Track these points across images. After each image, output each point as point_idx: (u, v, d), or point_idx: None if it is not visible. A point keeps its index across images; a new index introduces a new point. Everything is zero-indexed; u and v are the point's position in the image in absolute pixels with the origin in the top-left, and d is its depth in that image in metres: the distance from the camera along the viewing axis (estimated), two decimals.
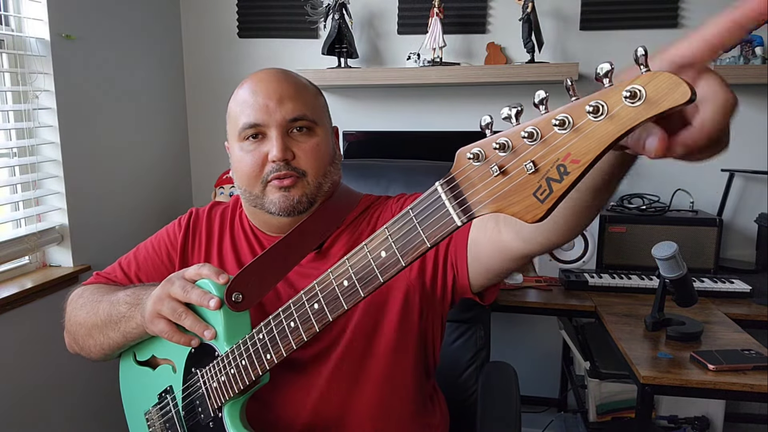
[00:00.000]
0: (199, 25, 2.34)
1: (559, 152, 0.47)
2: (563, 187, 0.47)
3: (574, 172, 0.46)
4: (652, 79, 0.43)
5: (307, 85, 0.93)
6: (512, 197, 0.50)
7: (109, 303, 0.92)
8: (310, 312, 0.71)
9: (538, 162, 0.48)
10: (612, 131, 0.44)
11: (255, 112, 0.87)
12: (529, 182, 0.49)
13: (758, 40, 1.87)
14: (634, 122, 0.43)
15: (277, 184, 0.87)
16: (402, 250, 0.60)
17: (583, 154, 0.46)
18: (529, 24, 1.95)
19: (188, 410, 0.88)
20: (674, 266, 1.39)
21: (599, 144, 0.45)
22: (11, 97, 1.61)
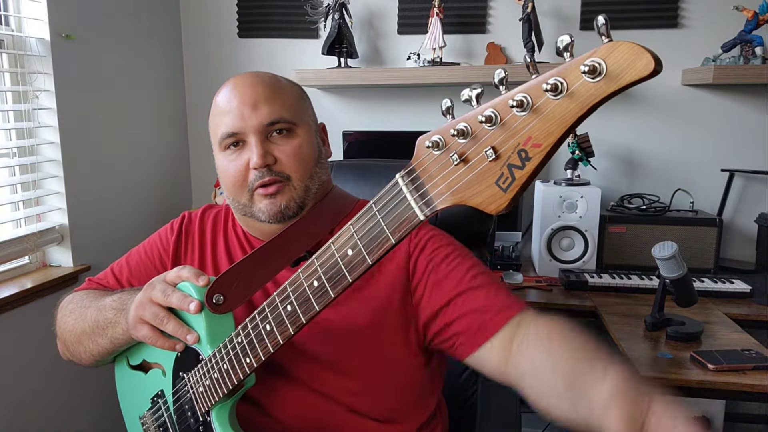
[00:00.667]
0: (199, 25, 2.34)
1: (519, 136, 0.44)
2: (525, 174, 0.44)
3: (536, 156, 0.44)
4: (612, 51, 0.40)
5: (284, 85, 0.90)
6: (474, 187, 0.47)
7: (97, 309, 0.92)
8: (284, 314, 0.69)
9: (498, 148, 0.45)
10: (573, 110, 0.41)
11: (231, 120, 0.85)
12: (490, 170, 0.46)
13: (758, 40, 1.87)
14: (596, 99, 0.41)
15: (262, 192, 0.85)
16: (367, 247, 0.58)
17: (544, 137, 0.43)
18: (529, 24, 1.95)
19: (179, 414, 0.88)
20: (674, 266, 1.39)
21: (560, 125, 0.42)
22: (11, 97, 1.61)
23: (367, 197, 1.01)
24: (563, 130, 0.42)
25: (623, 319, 1.56)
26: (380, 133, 2.23)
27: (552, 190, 1.92)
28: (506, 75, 0.46)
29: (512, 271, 1.97)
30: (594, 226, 1.90)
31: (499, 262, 2.02)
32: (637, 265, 1.90)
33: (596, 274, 1.84)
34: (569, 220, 1.91)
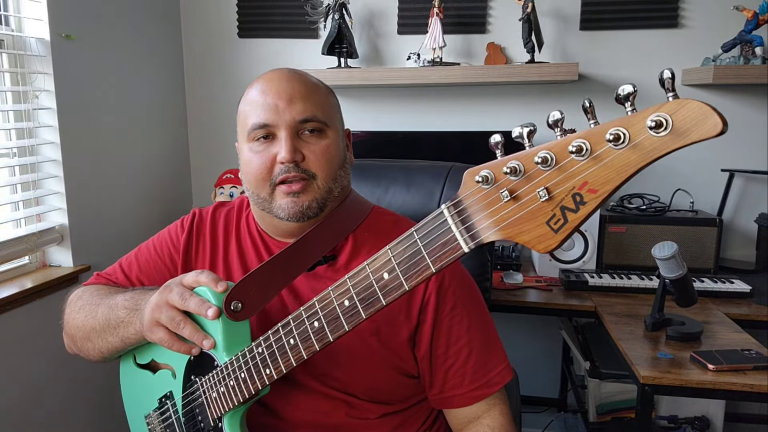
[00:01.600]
0: (199, 25, 2.34)
1: (575, 180, 0.45)
2: (579, 218, 0.45)
3: (591, 202, 0.44)
4: (679, 108, 0.40)
5: (319, 86, 0.90)
6: (523, 225, 0.48)
7: (108, 307, 0.91)
8: (310, 330, 0.69)
9: (552, 189, 0.46)
10: (634, 161, 0.42)
11: (264, 112, 0.84)
12: (542, 210, 0.46)
13: (758, 40, 1.87)
14: (658, 153, 0.41)
15: (285, 189, 0.84)
16: (406, 273, 0.58)
17: (601, 184, 0.43)
18: (529, 24, 1.95)
19: (188, 417, 0.87)
20: (674, 266, 1.39)
21: (619, 174, 0.43)
22: (11, 97, 1.61)
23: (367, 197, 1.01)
24: (622, 179, 0.43)
25: (623, 319, 1.56)
26: (380, 133, 2.23)
27: None
28: (562, 117, 0.47)
29: (512, 271, 1.97)
30: (594, 226, 1.90)
31: (499, 262, 2.02)
32: (637, 265, 1.90)
33: (596, 274, 1.84)
34: None
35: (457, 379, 0.88)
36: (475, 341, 0.88)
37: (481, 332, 0.90)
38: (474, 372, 0.88)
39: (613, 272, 1.86)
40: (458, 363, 0.88)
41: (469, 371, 0.88)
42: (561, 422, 2.13)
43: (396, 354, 0.89)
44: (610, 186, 0.43)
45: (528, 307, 1.76)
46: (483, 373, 0.88)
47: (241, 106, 0.90)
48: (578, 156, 0.44)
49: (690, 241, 1.88)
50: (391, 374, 0.90)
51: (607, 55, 2.10)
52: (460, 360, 0.88)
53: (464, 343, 0.88)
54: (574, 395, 2.10)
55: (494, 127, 2.18)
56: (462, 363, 0.88)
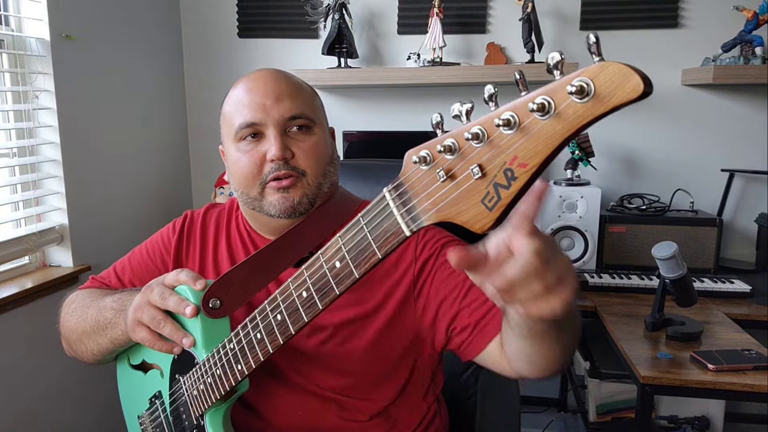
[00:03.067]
0: (199, 25, 2.34)
1: (505, 155, 0.43)
2: (511, 194, 0.43)
3: (522, 176, 0.43)
4: (601, 71, 0.39)
5: (303, 85, 0.91)
6: (460, 205, 0.46)
7: (97, 309, 0.92)
8: (274, 323, 0.69)
9: (484, 166, 0.44)
10: (559, 131, 0.40)
11: (251, 111, 0.84)
12: (476, 188, 0.45)
13: (758, 40, 1.87)
14: (583, 120, 0.39)
15: (275, 185, 0.84)
16: (355, 260, 0.57)
17: (530, 157, 0.42)
18: (529, 24, 1.95)
19: (175, 416, 0.88)
20: (674, 266, 1.39)
21: (546, 146, 0.41)
22: (11, 97, 1.61)
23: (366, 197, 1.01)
24: (549, 151, 0.41)
25: (623, 319, 1.56)
26: (380, 133, 2.23)
27: (552, 190, 1.92)
28: (495, 92, 0.46)
29: None
30: (594, 226, 1.90)
31: None
32: (637, 265, 1.90)
33: (596, 274, 1.84)
34: (569, 220, 1.91)
35: (480, 302, 0.83)
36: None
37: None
38: (486, 301, 0.84)
39: (613, 272, 1.86)
40: (471, 297, 0.84)
41: (485, 302, 0.83)
42: (561, 422, 2.13)
43: (414, 339, 0.89)
44: (539, 158, 0.42)
45: None
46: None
47: (226, 107, 0.89)
48: (506, 129, 0.43)
49: (690, 241, 1.88)
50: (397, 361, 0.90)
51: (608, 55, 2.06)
52: (468, 285, 0.84)
53: (465, 277, 0.84)
54: (574, 395, 2.10)
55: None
56: (475, 296, 0.84)
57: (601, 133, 2.09)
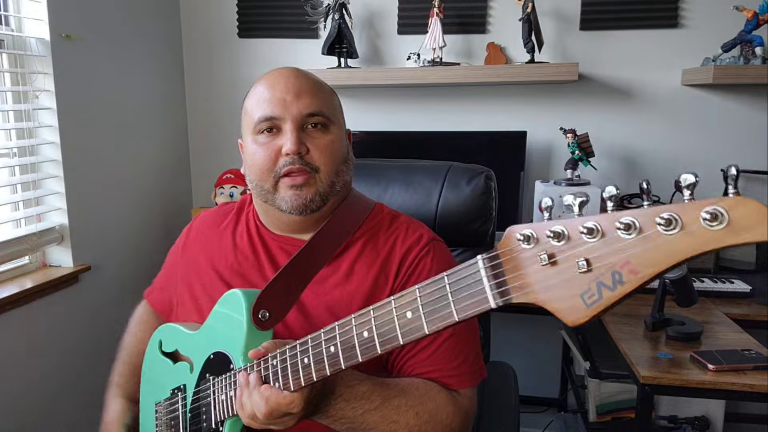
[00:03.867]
0: (199, 25, 2.34)
1: (617, 257, 0.43)
2: (615, 297, 0.42)
3: (630, 282, 0.42)
4: (738, 206, 0.39)
5: (323, 85, 0.93)
6: (556, 292, 0.46)
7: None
8: (325, 353, 0.67)
9: (592, 262, 0.44)
10: (684, 249, 0.40)
11: (271, 106, 0.86)
12: (578, 281, 0.45)
13: (758, 40, 1.87)
14: (711, 245, 0.39)
15: (289, 182, 0.86)
16: (429, 316, 0.56)
17: (644, 266, 0.42)
18: (529, 24, 1.94)
19: (194, 414, 0.87)
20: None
21: (666, 258, 0.41)
22: (11, 97, 1.61)
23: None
24: (668, 264, 0.41)
25: (623, 319, 1.56)
26: (380, 133, 2.23)
27: (552, 190, 1.92)
28: (618, 194, 0.45)
29: None
30: None
31: None
32: None
33: None
34: None
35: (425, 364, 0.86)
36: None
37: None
38: (445, 357, 0.86)
39: None
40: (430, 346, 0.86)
41: (440, 357, 0.86)
42: (561, 422, 2.13)
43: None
44: (654, 270, 0.41)
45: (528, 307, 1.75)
46: (454, 361, 0.86)
47: (247, 102, 0.92)
48: (625, 233, 0.43)
49: None
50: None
51: (607, 55, 2.10)
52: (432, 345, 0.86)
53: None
54: (574, 395, 2.10)
55: (494, 127, 2.19)
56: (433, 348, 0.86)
57: (601, 133, 2.09)
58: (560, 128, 2.02)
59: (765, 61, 1.88)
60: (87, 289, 1.79)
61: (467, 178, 1.25)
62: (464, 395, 0.86)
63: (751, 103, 2.04)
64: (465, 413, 0.84)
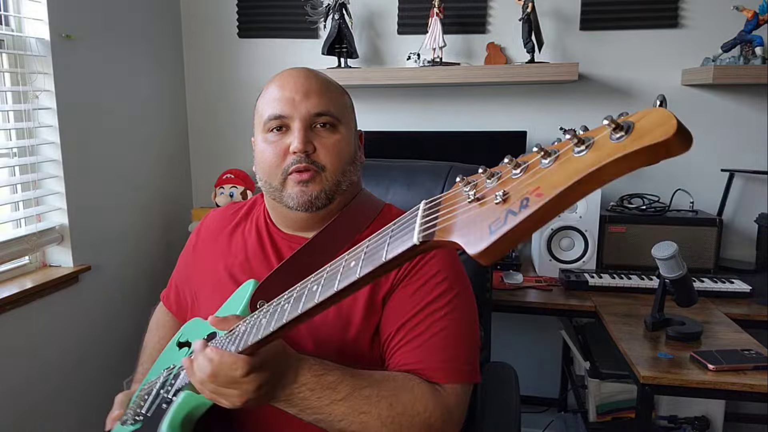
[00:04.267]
0: (199, 25, 2.34)
1: (530, 183, 0.41)
2: (515, 221, 0.40)
3: (533, 206, 0.39)
4: (645, 115, 0.38)
5: (335, 85, 0.95)
6: (471, 227, 0.43)
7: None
8: (276, 314, 0.67)
9: (509, 192, 0.42)
10: (588, 164, 0.38)
11: (281, 105, 0.88)
12: (492, 212, 0.42)
13: (758, 40, 1.87)
14: (614, 155, 0.37)
15: (296, 178, 0.88)
16: (365, 260, 0.55)
17: (549, 188, 0.39)
18: (529, 24, 1.94)
19: (163, 382, 0.88)
20: (674, 266, 1.39)
21: (570, 177, 0.38)
22: (11, 97, 1.61)
23: None
24: (567, 184, 0.38)
25: (623, 319, 1.56)
26: (380, 133, 2.22)
27: None
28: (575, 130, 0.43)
29: (512, 271, 1.97)
30: (594, 226, 1.90)
31: (499, 262, 2.02)
32: (637, 265, 1.90)
33: (596, 274, 1.84)
34: (569, 220, 1.91)
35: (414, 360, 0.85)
36: (446, 320, 0.87)
37: (452, 315, 0.88)
38: (433, 355, 0.85)
39: (613, 272, 1.86)
40: (420, 338, 0.86)
41: (430, 354, 0.85)
42: (561, 422, 2.13)
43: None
44: (555, 191, 0.38)
45: (528, 307, 1.76)
46: (441, 357, 0.85)
47: (259, 101, 0.94)
48: (545, 159, 0.42)
49: (690, 241, 1.88)
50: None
51: (607, 55, 2.10)
52: (422, 337, 0.86)
53: (435, 318, 0.86)
54: (574, 395, 2.10)
55: (494, 127, 2.18)
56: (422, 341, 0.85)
57: None
58: (560, 128, 2.01)
59: (765, 61, 1.88)
60: (87, 289, 1.79)
61: None
62: (449, 391, 0.84)
63: (751, 103, 2.04)
64: (447, 409, 0.82)
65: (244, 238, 1.00)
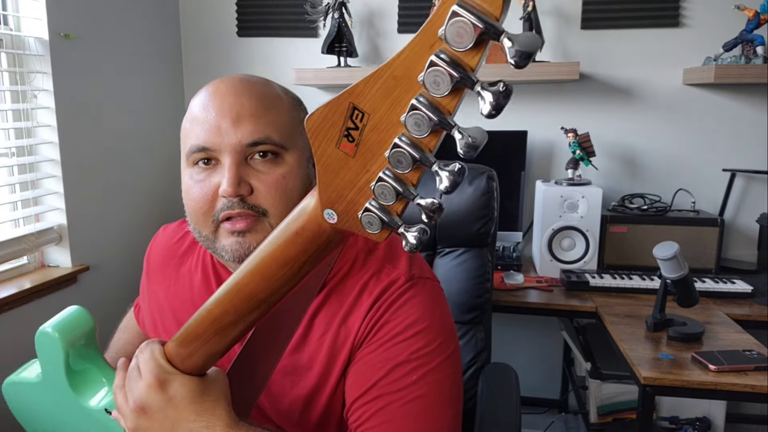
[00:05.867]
0: (199, 24, 2.34)
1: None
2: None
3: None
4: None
5: (279, 98, 0.73)
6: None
7: None
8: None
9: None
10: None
11: (204, 133, 0.69)
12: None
13: (759, 40, 1.86)
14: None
15: (229, 227, 0.69)
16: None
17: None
18: (530, 23, 1.94)
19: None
20: (675, 266, 1.38)
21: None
22: (10, 96, 1.60)
23: None
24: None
25: (624, 320, 1.55)
26: None
27: (553, 190, 1.92)
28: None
29: (513, 271, 1.96)
30: (595, 226, 1.90)
31: (499, 262, 2.02)
32: (638, 265, 1.90)
33: (597, 275, 1.83)
34: (570, 220, 1.91)
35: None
36: (420, 385, 0.68)
37: (428, 379, 0.69)
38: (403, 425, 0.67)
39: (614, 272, 1.86)
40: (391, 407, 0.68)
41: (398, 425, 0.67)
42: (562, 423, 2.12)
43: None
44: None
45: (529, 307, 1.76)
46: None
47: (183, 121, 0.74)
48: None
49: (691, 241, 1.87)
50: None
51: (609, 54, 2.09)
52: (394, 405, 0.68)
53: (407, 381, 0.68)
54: (575, 396, 2.09)
55: (494, 127, 2.18)
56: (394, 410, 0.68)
57: (603, 133, 2.08)
58: (561, 128, 2.01)
59: (766, 60, 1.87)
60: (85, 289, 1.78)
61: (469, 179, 1.25)
62: None
63: (752, 103, 2.03)
64: None
65: (190, 276, 0.85)
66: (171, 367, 0.60)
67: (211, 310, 0.58)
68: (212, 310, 0.58)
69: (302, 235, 0.52)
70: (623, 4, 2.05)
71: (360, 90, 0.43)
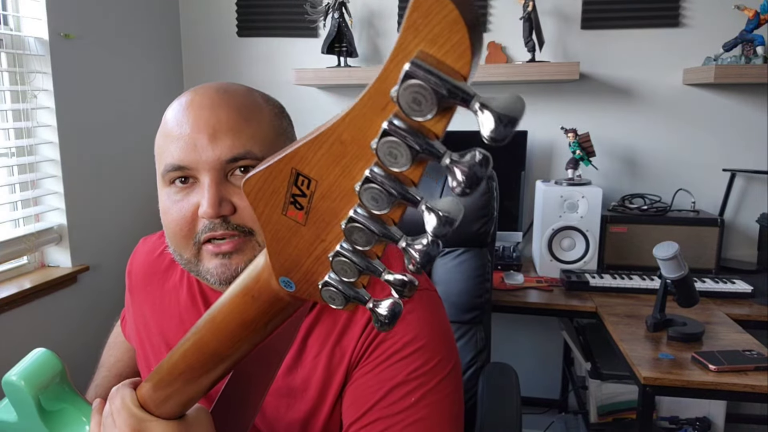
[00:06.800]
0: (199, 24, 2.34)
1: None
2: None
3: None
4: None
5: (260, 108, 0.68)
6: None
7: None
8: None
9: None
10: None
11: (179, 150, 0.63)
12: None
13: (759, 39, 1.86)
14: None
15: (212, 250, 0.65)
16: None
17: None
18: (530, 23, 1.94)
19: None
20: (676, 266, 1.38)
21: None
22: (10, 96, 1.60)
23: None
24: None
25: (624, 320, 1.55)
26: None
27: (553, 190, 1.92)
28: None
29: (513, 271, 1.96)
30: (595, 226, 1.90)
31: (499, 262, 2.02)
32: (638, 265, 1.89)
33: (597, 275, 1.83)
34: (570, 220, 1.91)
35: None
36: (420, 407, 0.65)
37: (428, 401, 0.66)
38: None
39: (614, 272, 1.86)
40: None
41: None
42: (562, 423, 2.12)
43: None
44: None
45: (529, 307, 1.76)
46: None
47: (157, 135, 0.68)
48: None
49: (691, 241, 1.87)
50: None
51: (609, 54, 2.09)
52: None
53: (406, 403, 0.65)
54: (575, 396, 2.09)
55: None
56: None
57: (603, 133, 2.08)
58: (561, 128, 2.01)
59: (766, 60, 1.87)
60: (85, 289, 1.78)
61: None
62: None
63: (752, 103, 2.03)
64: None
65: (176, 293, 0.80)
66: (145, 414, 0.53)
67: (177, 364, 0.51)
68: (177, 364, 0.50)
69: (258, 299, 0.44)
70: (623, 4, 2.06)
71: (303, 154, 0.36)
